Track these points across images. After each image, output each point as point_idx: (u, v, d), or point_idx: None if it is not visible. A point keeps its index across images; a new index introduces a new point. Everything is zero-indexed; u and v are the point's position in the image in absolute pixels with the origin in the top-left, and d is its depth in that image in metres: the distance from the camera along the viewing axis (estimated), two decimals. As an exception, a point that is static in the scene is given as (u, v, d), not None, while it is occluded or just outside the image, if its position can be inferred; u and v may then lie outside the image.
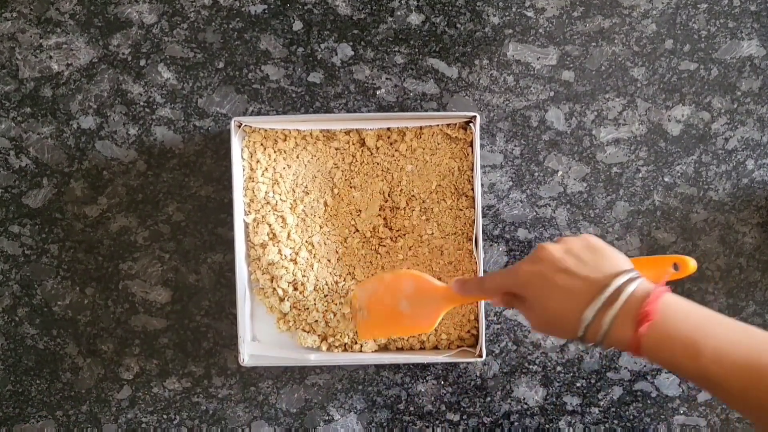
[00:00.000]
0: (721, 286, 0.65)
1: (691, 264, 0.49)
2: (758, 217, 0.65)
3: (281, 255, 0.62)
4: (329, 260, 0.63)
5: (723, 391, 0.38)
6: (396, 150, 0.63)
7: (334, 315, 0.63)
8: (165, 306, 0.65)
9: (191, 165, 0.65)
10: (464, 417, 0.65)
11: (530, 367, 0.65)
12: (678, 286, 0.65)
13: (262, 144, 0.63)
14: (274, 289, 0.62)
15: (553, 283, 0.45)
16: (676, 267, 0.49)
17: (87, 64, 0.65)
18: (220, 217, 0.65)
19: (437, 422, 0.65)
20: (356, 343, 0.63)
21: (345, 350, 0.63)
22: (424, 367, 0.65)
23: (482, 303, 0.60)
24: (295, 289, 0.63)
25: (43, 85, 0.65)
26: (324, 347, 0.63)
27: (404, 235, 0.64)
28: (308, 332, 0.63)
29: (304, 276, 0.63)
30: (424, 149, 0.63)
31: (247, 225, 0.63)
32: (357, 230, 0.64)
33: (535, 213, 0.65)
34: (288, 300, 0.62)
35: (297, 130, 0.63)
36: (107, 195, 0.65)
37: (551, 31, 0.65)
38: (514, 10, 0.65)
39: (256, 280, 0.63)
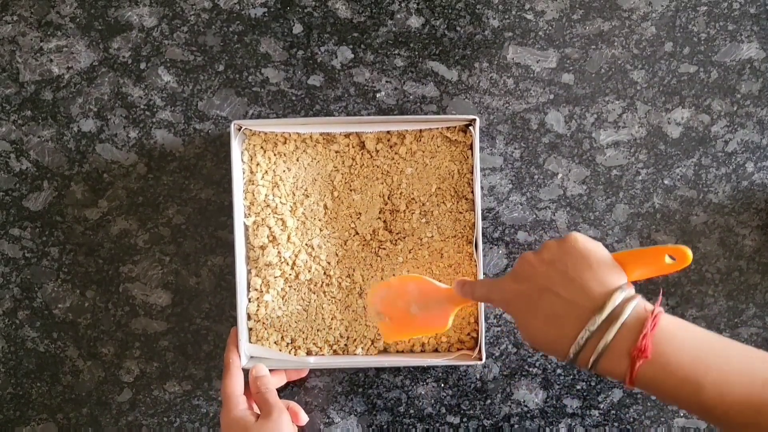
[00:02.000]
0: (721, 289, 0.65)
1: (688, 253, 0.43)
2: (758, 219, 0.65)
3: (280, 257, 0.62)
4: (329, 263, 0.63)
5: (723, 424, 0.37)
6: (396, 153, 0.63)
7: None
8: (165, 309, 0.65)
9: (191, 168, 0.65)
10: (464, 419, 0.65)
11: (530, 369, 0.65)
12: (677, 289, 0.65)
13: (262, 147, 0.63)
14: (262, 292, 0.62)
15: (538, 306, 0.42)
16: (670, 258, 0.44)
17: (87, 67, 0.65)
18: (221, 220, 0.65)
19: (437, 425, 0.65)
20: (355, 346, 0.63)
21: (344, 353, 0.63)
22: (424, 369, 0.65)
23: (482, 305, 0.60)
24: (282, 297, 0.63)
25: (43, 88, 0.65)
26: (302, 353, 0.63)
27: (404, 238, 0.64)
28: (276, 343, 0.63)
29: (297, 279, 0.63)
30: (423, 152, 0.63)
31: (247, 228, 0.63)
32: (357, 233, 0.64)
33: (534, 216, 0.66)
34: (263, 308, 0.62)
35: (297, 133, 0.63)
36: (107, 198, 0.65)
37: (551, 34, 0.65)
38: (513, 13, 0.65)
39: (254, 282, 0.63)
